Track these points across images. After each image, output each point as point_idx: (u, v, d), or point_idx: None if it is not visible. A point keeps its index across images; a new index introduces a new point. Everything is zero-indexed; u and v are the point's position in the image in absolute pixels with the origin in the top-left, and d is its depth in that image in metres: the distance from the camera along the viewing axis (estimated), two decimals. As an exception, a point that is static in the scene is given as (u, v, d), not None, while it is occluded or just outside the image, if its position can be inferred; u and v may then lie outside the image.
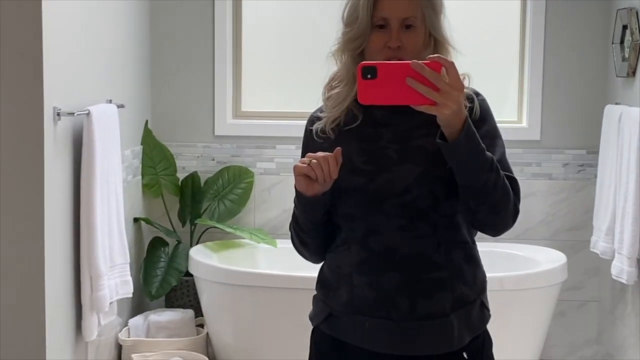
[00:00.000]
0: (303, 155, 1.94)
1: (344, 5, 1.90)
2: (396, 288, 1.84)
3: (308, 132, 1.97)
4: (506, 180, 1.82)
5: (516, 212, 1.86)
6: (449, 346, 1.87)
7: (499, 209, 1.81)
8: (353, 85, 1.89)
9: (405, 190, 1.83)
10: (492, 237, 4.02)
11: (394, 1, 1.84)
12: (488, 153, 1.76)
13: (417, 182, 1.82)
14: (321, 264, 2.01)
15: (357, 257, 1.87)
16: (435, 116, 1.72)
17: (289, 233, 2.02)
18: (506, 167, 1.86)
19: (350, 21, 1.87)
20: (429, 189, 1.82)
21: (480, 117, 1.87)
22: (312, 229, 1.92)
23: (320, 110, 1.97)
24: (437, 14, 1.89)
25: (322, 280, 1.98)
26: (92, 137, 3.00)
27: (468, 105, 1.85)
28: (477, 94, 1.92)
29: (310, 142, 1.95)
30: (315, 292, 2.02)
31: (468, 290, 1.89)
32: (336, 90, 1.92)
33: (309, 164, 1.78)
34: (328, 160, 1.77)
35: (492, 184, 1.77)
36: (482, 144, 1.75)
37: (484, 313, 1.95)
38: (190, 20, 4.15)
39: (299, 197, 1.87)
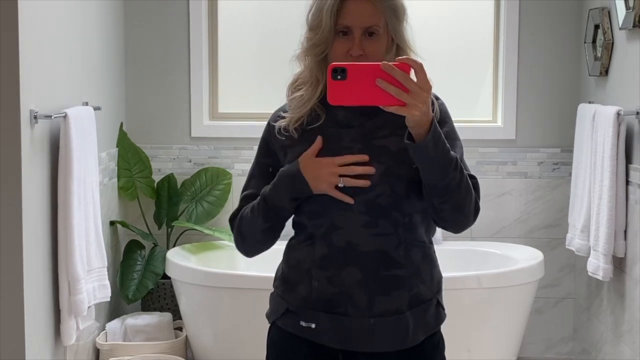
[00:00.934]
0: (262, 150, 2.00)
1: (308, 8, 1.92)
2: (356, 284, 1.88)
3: (271, 127, 1.98)
4: (469, 179, 1.86)
5: (477, 210, 1.91)
6: (403, 343, 1.91)
7: (462, 206, 1.86)
8: (317, 88, 1.92)
9: (369, 188, 1.86)
10: (469, 236, 4.06)
11: (357, 10, 1.86)
12: (452, 152, 1.81)
13: (380, 180, 1.86)
14: (280, 262, 2.04)
15: (319, 252, 1.90)
16: (397, 118, 1.76)
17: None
18: (465, 167, 1.91)
19: (313, 26, 1.89)
20: (391, 187, 1.87)
21: (440, 119, 1.90)
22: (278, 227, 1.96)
23: (283, 109, 1.99)
24: (400, 21, 1.91)
25: (280, 277, 2.01)
26: (69, 139, 2.98)
27: None
28: (437, 98, 1.96)
29: (272, 138, 1.97)
30: (267, 291, 2.05)
31: (425, 289, 1.93)
32: (300, 92, 1.94)
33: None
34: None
35: (457, 182, 1.82)
36: (447, 144, 1.79)
37: (440, 312, 1.99)
38: (165, 21, 4.13)
39: (282, 199, 1.89)
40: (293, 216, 1.98)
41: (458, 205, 1.85)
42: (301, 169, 1.87)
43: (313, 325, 1.91)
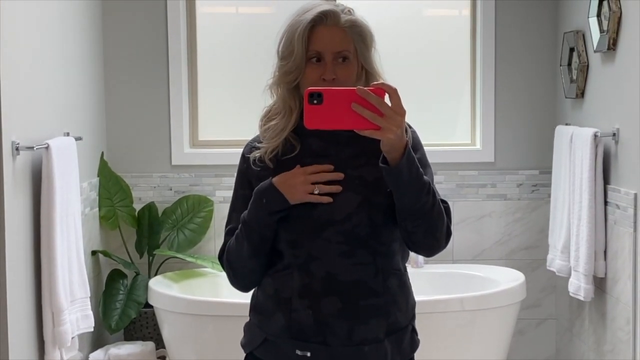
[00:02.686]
0: (239, 182, 2.00)
1: (278, 39, 1.96)
2: (335, 313, 1.89)
3: (245, 159, 1.99)
4: (441, 204, 1.89)
5: (449, 234, 1.94)
6: None
7: (434, 230, 1.89)
8: (290, 117, 1.94)
9: (346, 218, 1.88)
10: (451, 259, 4.08)
11: (327, 35, 1.90)
12: (425, 177, 1.84)
13: (357, 210, 1.88)
14: (252, 290, 2.04)
15: (299, 281, 1.91)
16: (371, 147, 1.81)
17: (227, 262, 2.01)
18: (436, 192, 1.93)
19: (285, 55, 1.93)
20: (369, 216, 1.89)
21: (412, 147, 1.92)
22: (261, 252, 1.94)
23: (256, 140, 2.00)
24: (369, 48, 1.94)
25: (256, 306, 2.01)
26: (52, 170, 2.98)
27: None
28: (409, 126, 1.97)
29: (248, 169, 1.98)
30: (247, 320, 2.04)
31: (401, 317, 1.96)
32: (274, 122, 1.95)
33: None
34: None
35: (430, 206, 1.85)
36: (421, 169, 1.82)
37: (414, 339, 2.02)
38: (144, 50, 4.14)
39: (260, 214, 1.89)
40: (276, 244, 1.98)
41: (430, 229, 1.88)
42: (274, 182, 1.89)
43: (309, 354, 1.91)
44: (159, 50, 4.14)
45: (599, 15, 3.46)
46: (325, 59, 1.89)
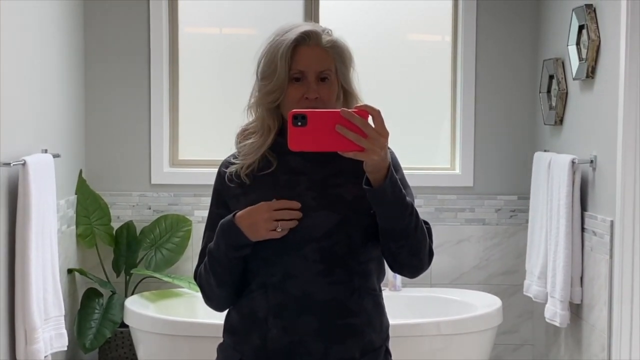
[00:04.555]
0: (214, 200, 1.99)
1: (258, 60, 1.96)
2: (311, 333, 1.88)
3: (221, 177, 1.98)
4: (423, 224, 1.90)
5: (431, 254, 1.94)
6: None
7: (418, 250, 1.89)
8: (268, 136, 1.94)
9: (325, 236, 1.88)
10: (429, 283, 4.07)
11: (310, 55, 1.90)
12: (408, 198, 1.84)
13: (336, 228, 1.88)
14: (226, 311, 2.02)
15: (273, 300, 1.90)
16: (350, 166, 1.81)
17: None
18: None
19: (266, 75, 1.93)
20: (348, 235, 1.88)
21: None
22: (237, 271, 1.92)
23: (233, 156, 1.99)
24: (347, 68, 1.96)
25: (230, 327, 1.99)
26: (28, 187, 2.96)
27: None
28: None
29: (223, 188, 1.97)
30: (220, 341, 2.02)
31: (376, 337, 1.95)
32: (251, 140, 1.95)
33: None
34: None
35: (413, 227, 1.85)
36: (403, 190, 1.82)
37: None
38: (125, 67, 4.14)
39: (238, 245, 1.87)
40: (250, 263, 1.97)
41: (414, 249, 1.88)
42: (235, 219, 1.85)
43: None
44: (140, 68, 4.14)
45: (578, 43, 3.49)
46: (308, 78, 1.90)
